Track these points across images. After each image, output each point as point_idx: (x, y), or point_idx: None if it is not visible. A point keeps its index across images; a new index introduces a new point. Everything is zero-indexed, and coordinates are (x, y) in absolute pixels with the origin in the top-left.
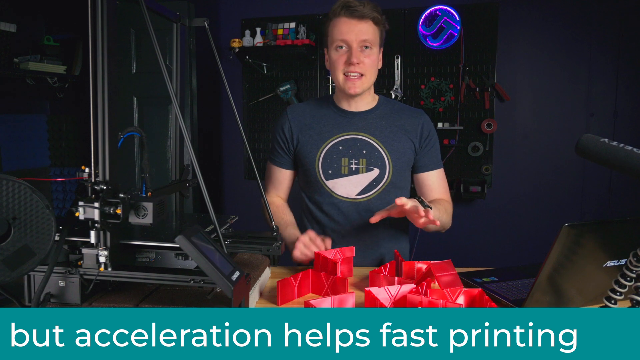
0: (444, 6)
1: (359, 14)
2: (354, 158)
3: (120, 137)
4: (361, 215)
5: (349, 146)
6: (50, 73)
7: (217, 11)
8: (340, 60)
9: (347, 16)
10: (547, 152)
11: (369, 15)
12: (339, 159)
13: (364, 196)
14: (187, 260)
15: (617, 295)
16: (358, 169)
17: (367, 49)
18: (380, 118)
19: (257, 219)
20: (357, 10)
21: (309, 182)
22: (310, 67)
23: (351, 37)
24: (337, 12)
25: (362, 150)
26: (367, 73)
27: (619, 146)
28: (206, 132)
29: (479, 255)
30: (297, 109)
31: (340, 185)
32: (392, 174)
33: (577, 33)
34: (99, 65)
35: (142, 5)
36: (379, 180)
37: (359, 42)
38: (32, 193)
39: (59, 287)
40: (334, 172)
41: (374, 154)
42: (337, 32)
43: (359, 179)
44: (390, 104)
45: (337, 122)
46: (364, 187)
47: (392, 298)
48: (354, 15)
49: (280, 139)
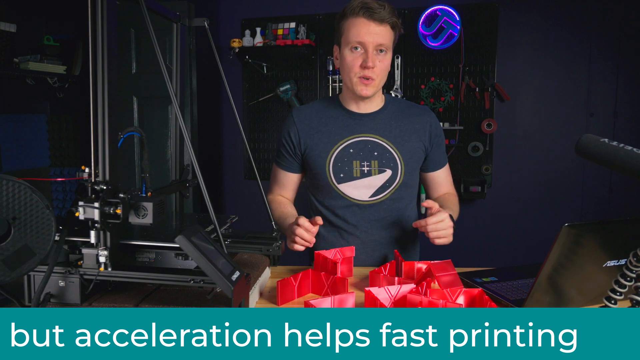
0: (444, 6)
1: (379, 17)
2: (365, 160)
3: (120, 137)
4: (374, 216)
5: (359, 149)
6: (50, 73)
7: (217, 11)
8: (355, 62)
9: (366, 17)
10: (547, 152)
11: (389, 19)
12: (350, 162)
13: (377, 198)
14: (187, 260)
15: (617, 295)
16: (370, 171)
17: (382, 52)
18: (390, 118)
19: (257, 219)
20: (377, 12)
21: (319, 186)
22: (310, 67)
23: (368, 39)
24: (355, 11)
25: (374, 152)
26: (379, 77)
27: (619, 146)
28: (206, 132)
29: (479, 255)
30: (303, 112)
31: (352, 189)
32: (404, 175)
33: (577, 33)
34: (99, 65)
35: (142, 5)
36: (391, 182)
37: (376, 45)
38: (32, 193)
39: (59, 287)
40: (346, 176)
41: (386, 155)
42: (354, 32)
43: (371, 181)
44: (396, 103)
45: (346, 124)
46: (377, 189)
47: (392, 298)
48: (373, 18)
49: (287, 143)
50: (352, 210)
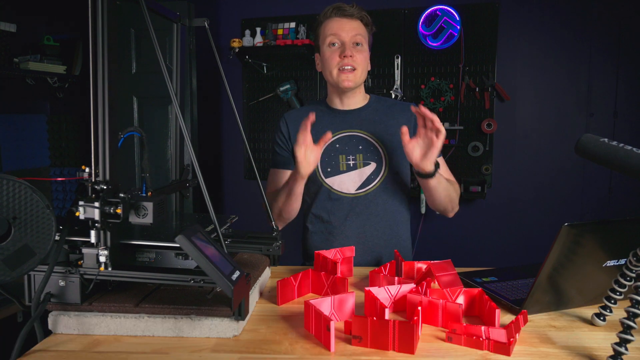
0: (444, 6)
1: (349, 13)
2: (350, 154)
3: (121, 136)
4: (362, 209)
5: (345, 143)
6: (50, 73)
7: (217, 11)
8: (334, 55)
9: (338, 16)
10: (547, 152)
11: (358, 14)
12: (337, 156)
13: (363, 190)
14: (187, 260)
15: (617, 295)
16: (356, 164)
17: (358, 45)
18: (374, 114)
19: (257, 219)
20: (347, 10)
21: (308, 181)
22: (310, 67)
23: (343, 33)
24: (327, 14)
25: (358, 146)
26: (359, 67)
27: (618, 146)
28: (206, 132)
29: (479, 255)
30: (293, 113)
31: (339, 182)
32: (388, 166)
33: (577, 33)
34: (99, 65)
35: (143, 5)
36: (376, 174)
37: (351, 37)
38: (32, 193)
39: (59, 287)
40: (333, 170)
41: (370, 149)
42: (329, 30)
43: (356, 174)
44: (381, 102)
45: (332, 121)
46: (363, 181)
47: (392, 298)
48: (344, 15)
49: (280, 140)
50: (340, 203)
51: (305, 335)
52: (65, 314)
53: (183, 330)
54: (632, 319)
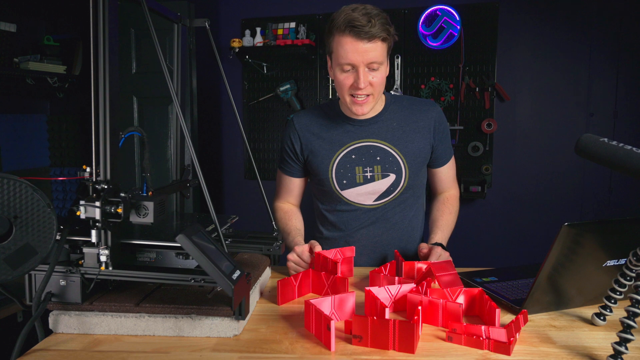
0: (444, 6)
1: (367, 35)
2: (368, 166)
3: (122, 136)
4: (378, 218)
5: (361, 154)
6: (50, 73)
7: (217, 11)
8: (346, 82)
9: (353, 35)
10: (547, 152)
11: (378, 35)
12: (353, 168)
13: (381, 202)
14: (187, 259)
15: (616, 295)
16: (373, 176)
17: (374, 70)
18: (391, 120)
19: (257, 219)
20: (364, 30)
21: (323, 192)
22: (310, 67)
23: (357, 59)
24: (341, 29)
25: (376, 156)
26: (375, 92)
27: (618, 146)
28: (206, 132)
29: (479, 255)
30: (303, 118)
31: (356, 195)
32: (408, 177)
33: (577, 33)
34: (100, 65)
35: (144, 5)
36: (395, 186)
37: (366, 64)
38: (33, 192)
39: (60, 287)
40: (349, 182)
41: (389, 160)
42: (342, 52)
43: (374, 186)
44: (398, 102)
45: (347, 130)
46: (381, 193)
47: (392, 298)
48: (360, 37)
49: (289, 149)
50: (356, 214)
51: (306, 335)
52: (66, 314)
53: (183, 330)
54: (632, 318)
